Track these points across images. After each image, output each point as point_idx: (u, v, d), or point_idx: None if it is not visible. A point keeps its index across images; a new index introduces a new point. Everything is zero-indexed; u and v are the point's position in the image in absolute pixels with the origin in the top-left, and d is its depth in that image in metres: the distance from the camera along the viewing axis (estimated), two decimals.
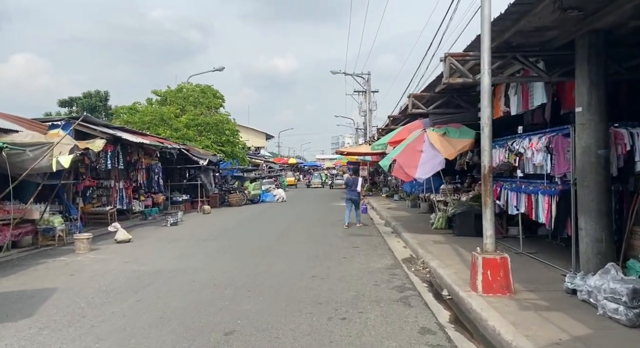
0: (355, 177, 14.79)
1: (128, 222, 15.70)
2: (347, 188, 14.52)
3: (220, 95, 28.80)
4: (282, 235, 12.50)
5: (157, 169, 16.89)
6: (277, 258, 9.11)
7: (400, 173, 10.56)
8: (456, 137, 10.47)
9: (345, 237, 11.92)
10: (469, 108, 11.38)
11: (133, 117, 25.67)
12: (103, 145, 12.62)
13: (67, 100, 48.86)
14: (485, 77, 5.98)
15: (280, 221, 15.97)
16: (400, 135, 12.24)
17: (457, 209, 10.79)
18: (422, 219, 14.38)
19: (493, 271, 5.69)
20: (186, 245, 11.07)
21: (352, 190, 14.17)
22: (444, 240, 10.32)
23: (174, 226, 14.91)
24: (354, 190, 14.13)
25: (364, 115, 47.96)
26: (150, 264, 8.84)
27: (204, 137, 25.92)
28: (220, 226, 14.71)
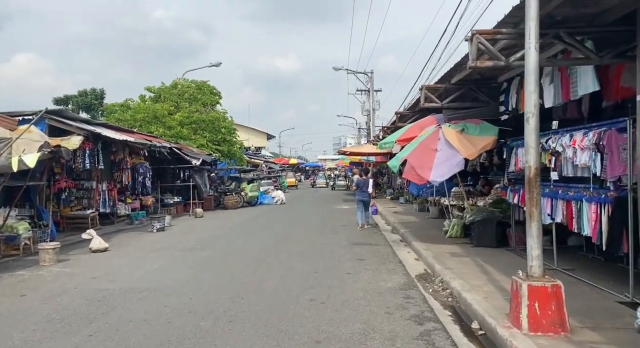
0: (366, 179, 14.39)
1: (111, 227, 14.44)
2: (358, 189, 14.20)
3: (217, 92, 27.54)
4: (278, 243, 11.21)
5: (143, 168, 15.60)
6: (269, 274, 7.81)
7: (412, 175, 9.27)
8: (476, 134, 9.17)
9: (349, 246, 10.63)
10: (488, 101, 10.08)
11: (125, 115, 24.40)
12: (80, 143, 11.39)
13: (63, 98, 47.65)
14: (531, 53, 4.69)
15: (277, 226, 14.68)
16: (411, 133, 10.94)
17: (476, 216, 9.49)
18: (432, 225, 13.08)
19: (543, 303, 4.39)
20: (169, 255, 9.79)
21: (362, 191, 13.96)
22: (462, 251, 9.02)
23: (161, 232, 13.62)
24: (364, 192, 13.92)
25: (367, 115, 46.70)
26: (121, 280, 7.55)
27: (199, 136, 24.64)
28: (210, 232, 13.42)
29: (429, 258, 8.47)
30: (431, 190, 17.12)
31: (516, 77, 8.73)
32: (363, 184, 14.11)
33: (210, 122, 25.26)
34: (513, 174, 8.96)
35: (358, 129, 62.78)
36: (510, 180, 9.23)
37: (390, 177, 33.10)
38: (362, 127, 57.26)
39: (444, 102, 10.21)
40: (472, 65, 6.24)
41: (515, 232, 9.56)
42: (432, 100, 10.20)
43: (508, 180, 9.32)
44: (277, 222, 16.14)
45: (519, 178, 9.07)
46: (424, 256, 8.76)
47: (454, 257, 8.47)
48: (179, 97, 25.93)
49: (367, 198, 14.04)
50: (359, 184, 14.33)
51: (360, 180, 14.60)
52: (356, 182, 15.13)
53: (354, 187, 15.40)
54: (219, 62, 28.44)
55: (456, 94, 10.11)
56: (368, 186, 13.98)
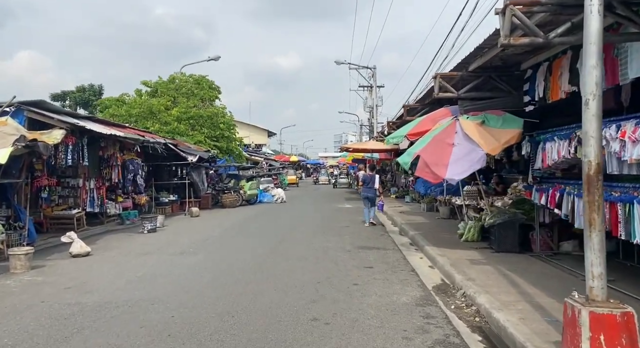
0: (372, 174, 14.20)
1: (100, 228, 13.53)
2: (364, 185, 14.07)
3: (216, 87, 26.58)
4: (277, 246, 10.27)
5: (134, 165, 14.65)
6: (266, 285, 6.87)
7: (425, 173, 8.31)
8: (498, 126, 8.21)
9: (355, 251, 9.68)
10: (510, 91, 9.10)
11: (120, 110, 23.47)
12: (62, 137, 10.45)
13: (60, 94, 46.83)
14: (593, 18, 3.73)
15: (276, 227, 13.74)
16: (423, 126, 9.97)
17: (497, 218, 8.53)
18: (444, 227, 12.13)
19: (611, 336, 3.44)
20: (156, 261, 8.86)
21: (368, 187, 13.84)
22: (482, 258, 8.07)
23: (152, 233, 12.69)
24: (370, 188, 13.81)
25: (369, 111, 45.72)
26: (98, 292, 6.63)
27: (197, 132, 23.70)
28: (205, 233, 12.49)
29: (445, 266, 7.52)
30: (440, 189, 16.17)
31: (544, 63, 7.75)
32: (369, 180, 13.91)
33: (208, 118, 24.31)
34: (539, 171, 8.00)
35: (360, 125, 61.83)
36: (536, 178, 8.28)
37: (395, 174, 32.13)
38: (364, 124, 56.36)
39: (460, 92, 9.24)
40: (505, 42, 5.28)
41: (540, 236, 8.63)
42: (447, 89, 9.23)
43: (533, 178, 8.36)
44: (277, 222, 15.20)
45: (546, 176, 8.13)
46: (440, 263, 7.81)
47: (474, 265, 7.52)
48: (177, 92, 24.98)
49: (373, 194, 13.86)
50: (365, 180, 14.09)
51: (367, 175, 14.34)
52: (362, 177, 14.75)
53: (360, 182, 14.80)
54: (217, 56, 27.46)
55: (474, 82, 9.13)
56: (374, 182, 13.78)
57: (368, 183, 13.92)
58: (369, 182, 13.93)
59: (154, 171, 20.11)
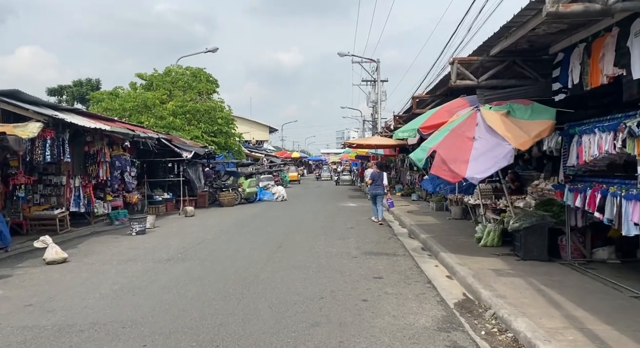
0: (380, 172, 14.28)
1: (86, 229, 12.58)
2: (373, 183, 13.90)
3: (214, 80, 25.56)
4: (275, 252, 9.29)
5: (121, 161, 13.67)
6: (260, 302, 5.90)
7: (442, 171, 7.30)
8: (526, 117, 7.19)
9: (361, 257, 8.70)
10: (536, 78, 8.09)
11: (113, 103, 22.49)
12: (39, 130, 9.49)
13: (57, 88, 45.90)
14: None
15: (275, 229, 12.76)
16: (438, 118, 8.95)
17: (524, 222, 7.52)
18: (458, 229, 11.15)
19: None
20: (138, 269, 7.89)
21: (377, 184, 13.82)
22: (507, 268, 7.08)
23: (141, 235, 11.74)
24: (379, 185, 13.82)
25: (373, 106, 44.74)
26: (62, 311, 5.67)
27: (193, 127, 22.72)
28: (198, 235, 11.52)
29: (467, 278, 6.53)
30: (451, 187, 15.16)
31: (580, 44, 6.74)
32: (378, 177, 13.89)
33: (205, 112, 23.32)
34: (573, 168, 7.00)
35: (363, 121, 60.76)
36: (568, 177, 7.28)
37: (399, 171, 31.12)
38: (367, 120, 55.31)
39: (480, 79, 8.22)
40: (552, 10, 4.28)
41: (571, 242, 7.64)
42: (466, 76, 8.21)
43: (565, 177, 7.36)
44: (276, 222, 14.23)
45: (581, 175, 7.13)
46: (461, 274, 6.82)
47: (500, 277, 6.53)
48: (173, 85, 23.98)
49: (382, 191, 13.85)
50: (375, 177, 13.95)
51: (375, 173, 14.20)
52: (371, 175, 14.37)
53: (369, 180, 14.41)
54: (215, 48, 26.44)
55: (496, 69, 8.11)
56: (383, 179, 13.85)
57: (377, 181, 13.84)
58: (377, 180, 13.85)
59: (148, 168, 19.18)
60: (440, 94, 12.29)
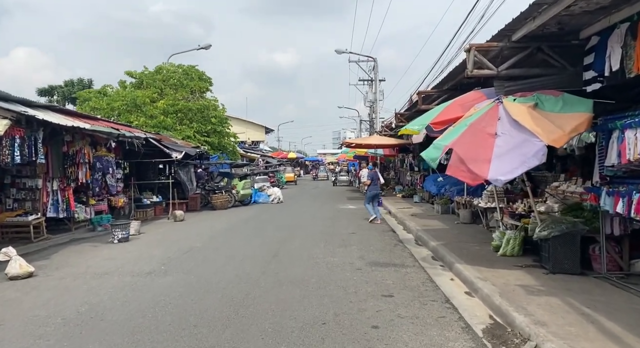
0: (376, 171, 14.43)
1: (65, 236, 11.58)
2: (372, 183, 13.86)
3: (207, 78, 24.59)
4: (270, 263, 8.33)
5: (104, 163, 12.68)
6: (250, 330, 4.94)
7: (460, 171, 6.37)
8: (557, 110, 6.26)
9: (366, 268, 7.75)
10: (563, 66, 7.17)
11: (101, 102, 21.50)
12: (5, 128, 8.51)
13: (47, 88, 44.82)
14: None
15: (270, 234, 11.79)
16: (451, 113, 8.01)
17: (553, 229, 6.60)
18: (468, 235, 10.23)
19: None
20: (113, 286, 6.91)
21: (375, 184, 13.84)
22: (537, 283, 6.14)
23: (124, 242, 10.76)
24: (376, 185, 13.87)
25: (370, 106, 43.93)
26: (8, 344, 4.69)
27: (185, 126, 21.74)
28: (185, 243, 10.54)
29: (493, 296, 5.59)
30: (457, 188, 14.25)
31: (620, 25, 5.82)
32: (376, 177, 14.00)
33: (198, 111, 22.36)
34: (612, 168, 6.08)
35: (360, 121, 59.83)
36: (605, 179, 6.36)
37: (399, 171, 30.20)
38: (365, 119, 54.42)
39: (500, 68, 7.29)
40: None
41: (606, 252, 6.71)
42: (484, 65, 7.28)
43: (601, 178, 6.45)
44: (272, 227, 13.26)
45: (620, 176, 6.21)
46: (484, 292, 5.87)
47: (532, 295, 5.59)
48: (164, 83, 23.00)
49: (379, 191, 14.02)
50: (373, 177, 14.00)
51: (372, 173, 14.31)
52: (369, 175, 14.45)
53: (368, 180, 14.19)
54: (208, 45, 25.50)
55: (518, 56, 7.19)
56: (379, 178, 14.05)
57: (375, 181, 13.87)
58: (375, 180, 13.92)
59: (137, 169, 18.22)
60: (448, 89, 11.37)
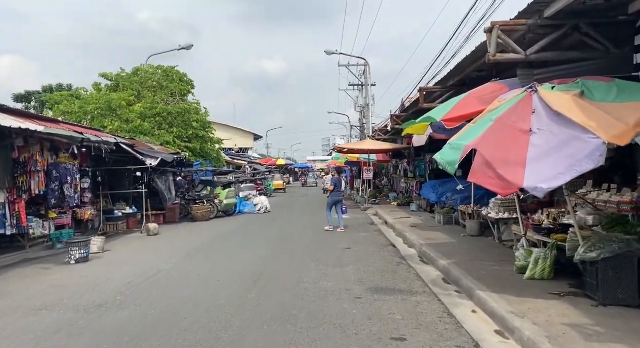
0: (339, 177, 14.40)
1: (16, 256, 10.08)
2: (335, 189, 13.67)
3: (189, 80, 23.12)
4: (250, 290, 6.89)
5: (61, 171, 11.14)
6: None
7: (488, 178, 5.03)
8: (611, 99, 4.95)
9: (367, 297, 6.35)
10: (607, 49, 5.90)
11: (72, 106, 19.92)
12: None
13: (24, 94, 42.93)
14: None
15: (254, 251, 10.35)
16: (467, 107, 6.68)
17: (602, 250, 5.26)
18: (481, 251, 8.89)
19: None
20: (50, 325, 5.43)
21: (338, 191, 13.82)
22: (593, 323, 4.78)
23: (82, 263, 9.26)
24: (339, 191, 13.87)
25: (361, 111, 42.82)
26: None
27: (164, 131, 20.22)
28: (154, 264, 9.06)
29: (540, 343, 4.22)
30: (462, 196, 12.93)
31: None
32: (339, 183, 13.94)
33: (178, 115, 20.82)
34: None
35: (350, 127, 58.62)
36: None
37: (392, 178, 28.92)
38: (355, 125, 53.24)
39: (529, 52, 5.99)
40: None
41: None
42: (509, 48, 5.98)
43: None
44: (256, 242, 11.81)
45: None
46: (524, 335, 4.50)
47: (592, 342, 4.23)
48: (141, 86, 21.49)
49: (342, 198, 13.89)
50: (336, 183, 13.83)
51: (336, 179, 14.12)
52: (332, 181, 14.10)
53: (331, 186, 13.87)
54: (190, 45, 24.07)
55: (551, 37, 5.92)
56: (342, 185, 14.18)
57: (338, 188, 13.82)
58: (339, 186, 13.84)
59: (110, 178, 16.70)
60: (454, 85, 10.10)
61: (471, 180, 5.28)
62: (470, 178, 5.28)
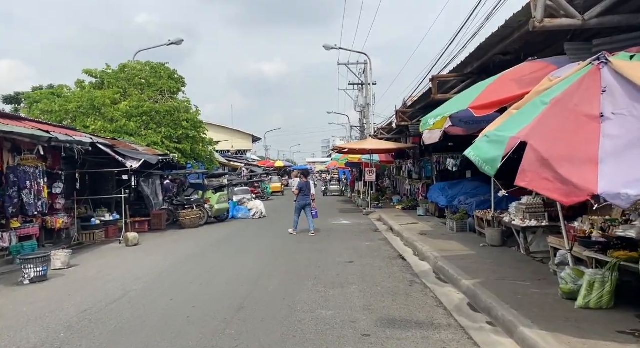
0: (307, 181, 13.90)
1: None
2: (301, 193, 13.43)
3: (179, 78, 21.74)
4: (230, 323, 5.50)
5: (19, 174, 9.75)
6: None
7: (543, 181, 3.67)
8: None
9: (377, 333, 4.95)
10: None
11: (52, 105, 18.54)
12: None
13: (13, 95, 41.50)
14: None
15: (241, 267, 8.97)
16: (501, 91, 5.27)
17: None
18: (509, 267, 7.49)
19: None
20: None
21: (306, 195, 13.49)
22: None
23: (38, 283, 7.87)
24: (307, 195, 13.51)
25: (361, 110, 41.48)
26: None
27: (152, 131, 18.82)
28: (122, 283, 7.67)
29: None
30: (477, 200, 11.55)
31: None
32: (306, 187, 13.50)
33: (167, 113, 19.43)
34: None
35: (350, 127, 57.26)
36: None
37: (395, 179, 27.52)
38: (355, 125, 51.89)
39: (587, 15, 4.60)
40: None
41: None
42: (562, 10, 4.59)
43: None
44: (245, 254, 10.43)
45: None
46: None
47: None
48: (128, 83, 20.11)
49: (309, 201, 13.49)
50: (302, 187, 13.44)
51: (303, 182, 13.69)
52: (298, 185, 13.71)
53: (296, 190, 13.67)
54: (180, 40, 22.72)
55: None
56: (310, 189, 13.58)
57: (305, 191, 13.42)
58: (305, 190, 13.43)
59: (92, 182, 15.38)
60: (472, 72, 8.72)
61: (520, 183, 3.89)
62: (519, 181, 3.89)
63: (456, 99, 6.25)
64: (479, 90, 5.74)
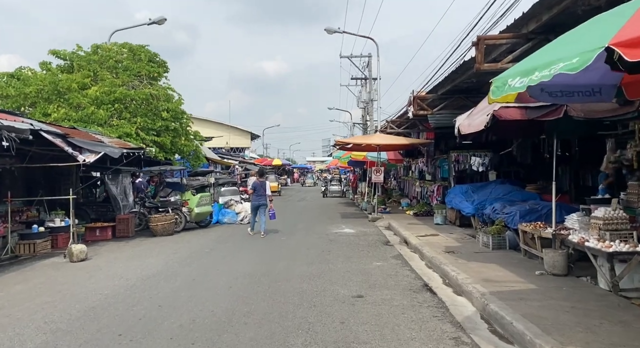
0: (262, 181, 13.29)
1: None
2: (255, 193, 12.88)
3: (161, 61, 19.19)
4: None
5: None
6: None
7: None
8: None
9: None
10: None
11: (8, 89, 15.94)
12: None
13: None
14: None
15: (207, 302, 6.38)
16: None
17: None
18: (605, 319, 4.87)
19: None
20: None
21: (259, 195, 12.82)
22: None
23: None
24: (262, 195, 12.84)
25: (364, 106, 38.97)
26: None
27: (125, 121, 16.22)
28: (25, 331, 5.09)
29: None
30: (522, 211, 8.93)
31: None
32: (260, 187, 12.96)
33: (144, 101, 16.85)
34: None
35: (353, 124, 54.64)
36: None
37: (403, 180, 24.90)
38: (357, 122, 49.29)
39: None
40: None
41: None
42: None
43: None
44: (217, 281, 7.82)
45: None
46: None
47: None
48: (100, 66, 17.52)
49: (265, 201, 12.92)
50: (256, 187, 12.93)
51: (257, 182, 13.17)
52: (253, 184, 13.26)
53: (250, 190, 13.33)
54: (162, 18, 20.12)
55: None
56: (265, 189, 12.99)
57: (259, 191, 12.85)
58: (259, 190, 12.87)
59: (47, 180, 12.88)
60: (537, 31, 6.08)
61: None
62: None
63: (566, 39, 3.61)
64: (622, 17, 3.07)
